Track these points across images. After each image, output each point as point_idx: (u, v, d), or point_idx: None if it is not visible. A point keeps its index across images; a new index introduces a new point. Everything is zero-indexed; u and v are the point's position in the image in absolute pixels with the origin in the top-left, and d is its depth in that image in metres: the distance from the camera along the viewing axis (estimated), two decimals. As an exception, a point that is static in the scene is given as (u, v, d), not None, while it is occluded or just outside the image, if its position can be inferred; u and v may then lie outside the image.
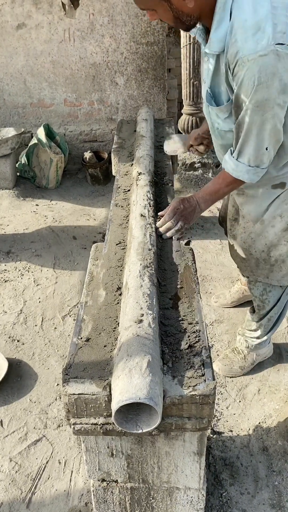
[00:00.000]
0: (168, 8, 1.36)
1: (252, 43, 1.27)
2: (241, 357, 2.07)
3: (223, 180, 1.60)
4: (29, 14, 3.85)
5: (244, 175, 1.51)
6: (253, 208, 1.69)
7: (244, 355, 2.07)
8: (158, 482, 1.27)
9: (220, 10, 1.32)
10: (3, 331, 2.38)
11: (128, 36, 3.93)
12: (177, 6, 1.35)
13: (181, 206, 1.65)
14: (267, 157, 1.46)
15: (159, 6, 1.37)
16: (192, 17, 1.39)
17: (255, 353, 2.07)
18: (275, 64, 1.26)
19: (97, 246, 1.64)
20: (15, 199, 3.78)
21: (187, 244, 1.67)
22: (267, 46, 1.25)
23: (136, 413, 1.05)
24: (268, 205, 1.65)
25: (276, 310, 1.91)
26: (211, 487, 1.62)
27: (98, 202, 3.79)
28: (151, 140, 2.40)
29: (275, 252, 1.71)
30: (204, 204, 1.67)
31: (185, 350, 1.15)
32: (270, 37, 1.25)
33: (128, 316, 1.17)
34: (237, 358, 2.08)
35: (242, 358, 2.07)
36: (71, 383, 1.06)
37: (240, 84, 1.34)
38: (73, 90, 4.16)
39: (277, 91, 1.30)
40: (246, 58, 1.28)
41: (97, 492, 1.31)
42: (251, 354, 2.07)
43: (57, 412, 1.93)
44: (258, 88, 1.30)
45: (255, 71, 1.28)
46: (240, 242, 1.78)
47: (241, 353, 2.08)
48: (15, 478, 1.70)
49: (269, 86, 1.29)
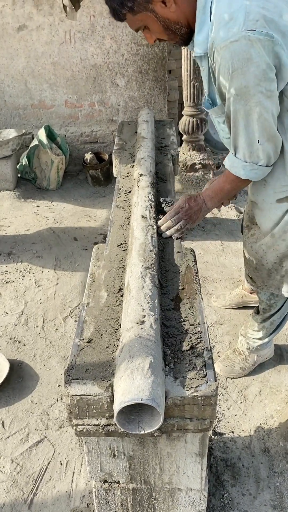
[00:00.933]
0: (155, 18, 1.38)
1: (224, 32, 1.27)
2: (242, 358, 2.07)
3: (226, 177, 1.59)
4: (30, 16, 3.86)
5: (240, 171, 1.49)
6: (262, 220, 1.64)
7: (245, 356, 2.07)
8: (160, 483, 1.27)
9: (200, 13, 1.34)
10: (4, 332, 2.39)
11: (128, 37, 3.94)
12: (161, 14, 1.37)
13: (186, 205, 1.64)
14: (262, 152, 1.42)
15: (147, 20, 1.39)
16: (180, 24, 1.40)
17: (256, 354, 2.07)
18: (247, 49, 1.26)
19: (99, 248, 1.64)
20: (16, 200, 3.79)
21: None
22: (238, 32, 1.25)
23: (138, 414, 1.05)
24: (278, 219, 1.58)
25: (280, 315, 1.91)
26: (212, 488, 1.62)
27: (99, 203, 3.79)
28: (152, 141, 2.41)
29: (287, 262, 1.65)
30: (211, 202, 1.65)
31: (186, 351, 1.15)
32: (241, 24, 1.25)
33: (130, 317, 1.17)
34: (238, 359, 2.08)
35: (243, 359, 2.07)
36: (73, 384, 1.06)
37: (218, 74, 1.34)
38: (73, 92, 4.16)
39: (255, 77, 1.28)
40: (219, 46, 1.29)
41: (99, 493, 1.31)
42: (252, 355, 2.07)
43: (58, 413, 1.93)
44: (234, 75, 1.30)
45: (228, 57, 1.28)
46: (252, 252, 1.73)
47: (242, 354, 2.08)
48: (17, 479, 1.70)
49: (244, 72, 1.28)
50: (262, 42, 1.25)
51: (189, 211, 1.63)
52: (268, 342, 2.02)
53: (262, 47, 1.25)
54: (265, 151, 1.43)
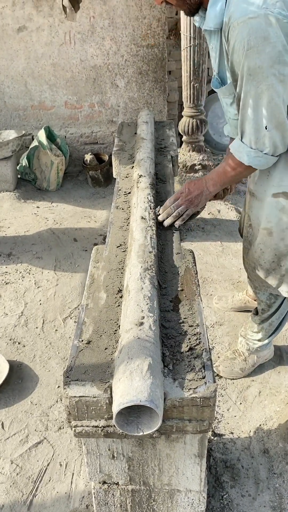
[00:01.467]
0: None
1: (243, 8, 1.27)
2: (242, 359, 2.07)
3: (230, 161, 1.54)
4: (30, 17, 3.86)
5: (244, 157, 1.46)
6: (260, 213, 1.62)
7: (245, 357, 2.07)
8: (159, 484, 1.27)
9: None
10: (4, 333, 2.39)
11: (128, 38, 3.94)
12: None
13: (186, 190, 1.61)
14: (269, 139, 1.39)
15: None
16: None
17: (256, 355, 2.07)
18: (265, 28, 1.24)
19: (98, 249, 1.64)
20: (16, 201, 3.79)
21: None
22: (258, 9, 1.24)
23: (137, 416, 1.05)
24: (276, 215, 1.57)
25: (278, 315, 1.90)
26: (212, 489, 1.62)
27: (98, 204, 3.80)
28: (151, 142, 2.41)
29: (286, 262, 1.64)
30: (213, 186, 1.61)
31: (185, 353, 1.15)
32: (261, 2, 1.25)
33: (129, 319, 1.17)
34: (238, 360, 2.08)
35: (243, 360, 2.07)
36: (72, 386, 1.06)
37: (232, 50, 1.32)
38: (73, 93, 4.17)
39: (270, 58, 1.26)
40: (236, 22, 1.27)
41: (98, 494, 1.31)
42: (252, 356, 2.07)
43: (58, 414, 1.93)
44: (249, 53, 1.27)
45: (245, 34, 1.26)
46: (251, 251, 1.73)
47: (242, 355, 2.08)
48: (16, 480, 1.70)
49: (260, 51, 1.26)
50: (280, 22, 1.24)
51: (189, 195, 1.60)
52: (267, 343, 2.02)
53: (280, 28, 1.24)
54: (272, 139, 1.40)
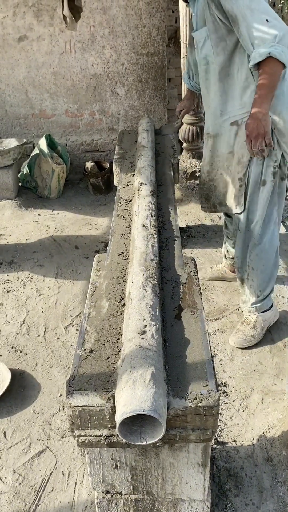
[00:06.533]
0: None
1: None
2: (250, 326, 2.25)
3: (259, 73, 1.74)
4: (31, 26, 3.90)
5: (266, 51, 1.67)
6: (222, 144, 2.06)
7: (253, 323, 2.25)
8: (163, 493, 1.27)
9: None
10: (6, 341, 2.38)
11: (128, 47, 3.97)
12: None
13: (247, 133, 1.81)
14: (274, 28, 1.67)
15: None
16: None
17: (261, 318, 2.25)
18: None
19: (100, 257, 1.65)
20: (18, 209, 3.80)
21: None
22: None
23: (140, 425, 1.05)
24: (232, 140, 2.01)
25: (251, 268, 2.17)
26: (215, 498, 1.61)
27: (99, 211, 3.80)
28: (152, 150, 2.42)
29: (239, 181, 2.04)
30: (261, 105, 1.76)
31: (188, 362, 1.15)
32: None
33: (131, 327, 1.17)
34: (247, 328, 2.25)
35: (251, 327, 2.24)
36: (75, 395, 1.06)
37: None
38: (74, 101, 4.19)
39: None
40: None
41: (101, 504, 1.30)
42: (258, 320, 2.24)
43: (60, 423, 1.93)
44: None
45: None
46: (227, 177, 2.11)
47: (249, 322, 2.26)
48: (19, 490, 1.69)
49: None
50: None
51: (253, 132, 1.79)
52: (265, 301, 2.24)
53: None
54: (277, 26, 1.68)
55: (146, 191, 1.92)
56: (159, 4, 3.84)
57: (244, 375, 2.11)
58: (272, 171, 1.99)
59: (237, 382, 2.07)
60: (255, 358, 2.20)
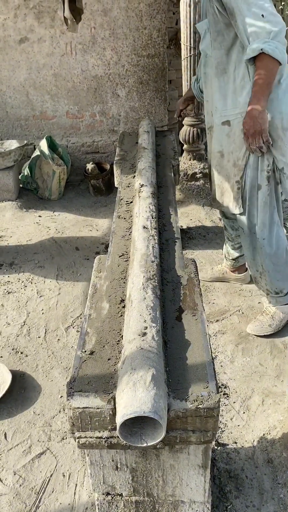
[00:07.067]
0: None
1: None
2: (269, 317, 2.32)
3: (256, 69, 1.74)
4: (32, 28, 3.90)
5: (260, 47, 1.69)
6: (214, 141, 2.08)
7: (271, 314, 2.31)
8: (163, 495, 1.26)
9: None
10: (6, 343, 2.39)
11: (129, 49, 3.98)
12: None
13: (244, 131, 1.83)
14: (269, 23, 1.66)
15: None
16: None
17: (280, 311, 2.31)
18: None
19: (100, 258, 1.65)
20: (18, 211, 3.81)
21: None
22: None
23: (141, 427, 1.05)
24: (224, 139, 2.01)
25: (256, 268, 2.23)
26: (216, 500, 1.61)
27: (100, 213, 3.81)
28: (152, 152, 2.42)
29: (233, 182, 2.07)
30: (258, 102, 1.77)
31: (189, 363, 1.15)
32: None
33: (131, 329, 1.17)
34: (265, 318, 2.32)
35: (270, 317, 2.31)
36: (75, 397, 1.06)
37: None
38: (75, 103, 4.20)
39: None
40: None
41: (102, 505, 1.30)
42: (277, 313, 2.30)
43: (61, 425, 1.93)
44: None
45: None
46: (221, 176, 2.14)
47: (268, 313, 2.33)
48: (19, 491, 1.69)
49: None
50: None
51: (251, 129, 1.81)
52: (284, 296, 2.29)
53: None
54: (273, 21, 1.67)
55: (147, 192, 1.92)
56: (160, 6, 3.84)
57: (245, 376, 2.11)
58: (266, 175, 2.00)
59: (237, 384, 2.07)
60: (256, 359, 2.20)
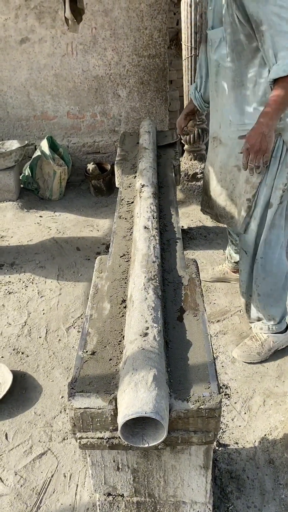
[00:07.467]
0: None
1: None
2: (258, 344, 2.18)
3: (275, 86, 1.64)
4: (32, 28, 3.90)
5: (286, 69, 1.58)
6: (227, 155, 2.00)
7: (262, 342, 2.17)
8: (164, 496, 1.26)
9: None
10: (7, 343, 2.38)
11: (130, 49, 3.98)
12: None
13: (248, 145, 1.72)
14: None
15: None
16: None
17: (272, 339, 2.17)
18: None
19: (101, 259, 1.65)
20: (19, 211, 3.81)
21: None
22: None
23: (142, 427, 1.05)
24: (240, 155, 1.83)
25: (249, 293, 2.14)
26: (217, 500, 1.61)
27: (101, 213, 3.81)
28: (153, 152, 2.42)
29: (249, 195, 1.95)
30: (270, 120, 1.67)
31: (190, 364, 1.15)
32: None
33: (133, 329, 1.17)
34: (255, 345, 2.18)
35: (259, 344, 2.17)
36: (77, 397, 1.06)
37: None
38: (76, 103, 4.20)
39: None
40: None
41: (103, 506, 1.30)
42: (268, 341, 2.17)
43: (62, 425, 1.93)
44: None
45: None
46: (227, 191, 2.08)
47: (258, 340, 2.19)
48: (20, 492, 1.69)
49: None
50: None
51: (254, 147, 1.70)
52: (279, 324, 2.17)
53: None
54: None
55: (148, 193, 1.92)
56: (161, 6, 3.84)
57: (246, 377, 2.11)
58: (280, 194, 1.91)
59: (239, 384, 2.07)
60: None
